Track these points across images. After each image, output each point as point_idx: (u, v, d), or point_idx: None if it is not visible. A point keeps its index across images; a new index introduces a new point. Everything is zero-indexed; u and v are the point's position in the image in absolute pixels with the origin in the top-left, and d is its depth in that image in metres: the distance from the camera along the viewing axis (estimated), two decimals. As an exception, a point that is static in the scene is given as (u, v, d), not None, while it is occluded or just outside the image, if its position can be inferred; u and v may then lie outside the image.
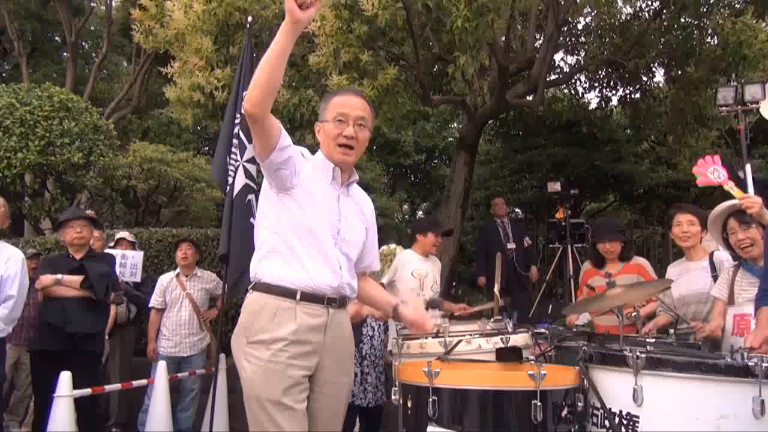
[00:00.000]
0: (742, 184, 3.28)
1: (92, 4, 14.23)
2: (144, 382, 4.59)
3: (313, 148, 2.36)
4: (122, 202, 9.77)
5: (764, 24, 6.91)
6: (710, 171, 2.94)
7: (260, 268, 2.19)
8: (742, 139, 4.65)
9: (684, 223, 3.60)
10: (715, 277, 3.41)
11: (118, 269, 5.02)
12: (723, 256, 3.47)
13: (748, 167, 3.31)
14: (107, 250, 5.12)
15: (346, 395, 2.31)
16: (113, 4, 13.38)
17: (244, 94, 4.89)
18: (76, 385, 3.64)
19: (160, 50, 6.76)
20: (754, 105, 4.75)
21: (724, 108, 4.89)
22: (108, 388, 4.40)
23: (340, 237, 2.23)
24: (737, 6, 7.80)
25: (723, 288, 3.22)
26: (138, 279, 5.29)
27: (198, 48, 5.71)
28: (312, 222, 2.16)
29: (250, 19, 4.99)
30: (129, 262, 5.23)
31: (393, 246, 5.01)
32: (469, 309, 4.45)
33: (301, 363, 2.10)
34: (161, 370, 4.43)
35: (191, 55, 5.78)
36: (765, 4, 7.57)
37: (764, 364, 2.17)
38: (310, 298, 2.14)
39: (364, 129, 2.27)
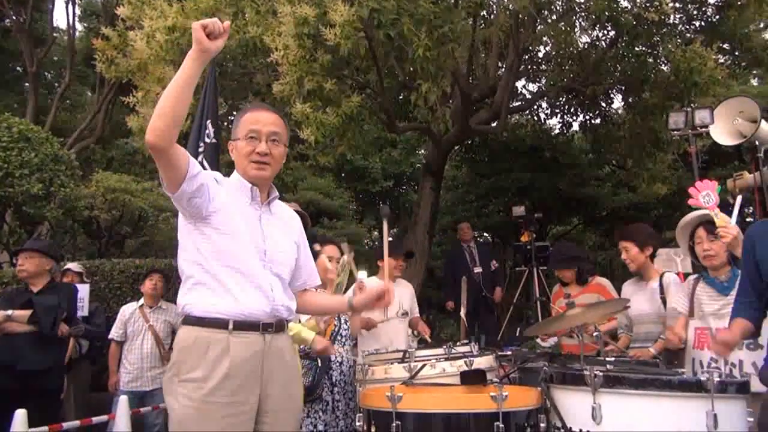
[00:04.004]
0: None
1: (54, 35, 14.08)
2: (104, 418, 4.45)
3: (279, 176, 2.33)
4: (84, 233, 9.58)
5: (713, 52, 7.20)
6: (703, 195, 3.01)
7: (187, 301, 2.07)
8: (694, 161, 4.83)
9: (622, 251, 3.75)
10: (663, 299, 3.51)
11: None
12: (672, 278, 3.58)
13: (739, 198, 3.45)
14: None
15: (296, 420, 2.22)
16: (76, 34, 13.29)
17: (208, 122, 4.94)
18: (32, 423, 3.51)
19: (123, 80, 6.73)
20: (703, 129, 4.95)
21: (675, 132, 5.09)
22: (66, 425, 4.25)
23: (267, 258, 2.12)
24: (688, 35, 8.15)
25: (684, 301, 3.29)
26: (85, 312, 5.14)
27: (161, 77, 5.71)
28: (235, 247, 2.06)
29: (213, 48, 5.01)
30: (77, 296, 5.10)
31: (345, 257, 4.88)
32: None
33: (241, 398, 1.99)
34: (122, 405, 4.30)
35: (154, 85, 5.77)
36: (713, 33, 7.94)
37: (716, 379, 2.24)
38: (244, 326, 2.03)
39: (279, 145, 2.17)
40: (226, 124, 6.70)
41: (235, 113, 7.08)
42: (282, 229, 2.24)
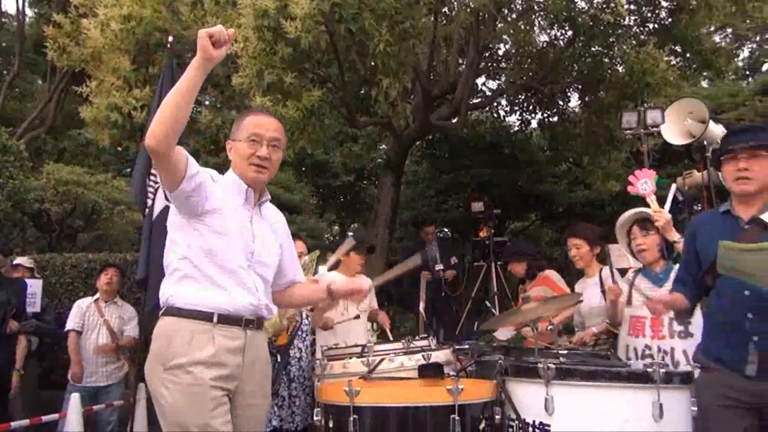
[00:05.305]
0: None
1: (3, 20, 13.53)
2: (55, 416, 4.34)
3: None
4: (34, 227, 9.27)
5: (665, 54, 7.43)
6: (641, 182, 3.18)
7: (172, 293, 2.11)
8: (645, 159, 4.99)
9: (572, 248, 3.87)
10: (603, 292, 3.65)
11: None
12: (608, 272, 3.73)
13: (673, 186, 3.58)
14: None
15: (265, 415, 2.29)
16: (26, 19, 12.81)
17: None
18: (-23, 422, 3.41)
19: (75, 69, 6.52)
20: (654, 129, 5.12)
21: (628, 131, 5.25)
22: (14, 424, 4.12)
23: (254, 259, 2.19)
24: (642, 37, 8.38)
25: (624, 290, 3.41)
26: (37, 309, 5.01)
27: (115, 67, 5.55)
28: (225, 246, 2.11)
29: (171, 39, 4.92)
30: (27, 291, 4.95)
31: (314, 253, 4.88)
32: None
33: (222, 384, 2.05)
34: (74, 403, 4.19)
35: (108, 75, 5.61)
36: (665, 36, 8.18)
37: (661, 371, 2.33)
38: (228, 320, 2.09)
39: (278, 150, 2.26)
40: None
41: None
42: (270, 231, 2.30)
